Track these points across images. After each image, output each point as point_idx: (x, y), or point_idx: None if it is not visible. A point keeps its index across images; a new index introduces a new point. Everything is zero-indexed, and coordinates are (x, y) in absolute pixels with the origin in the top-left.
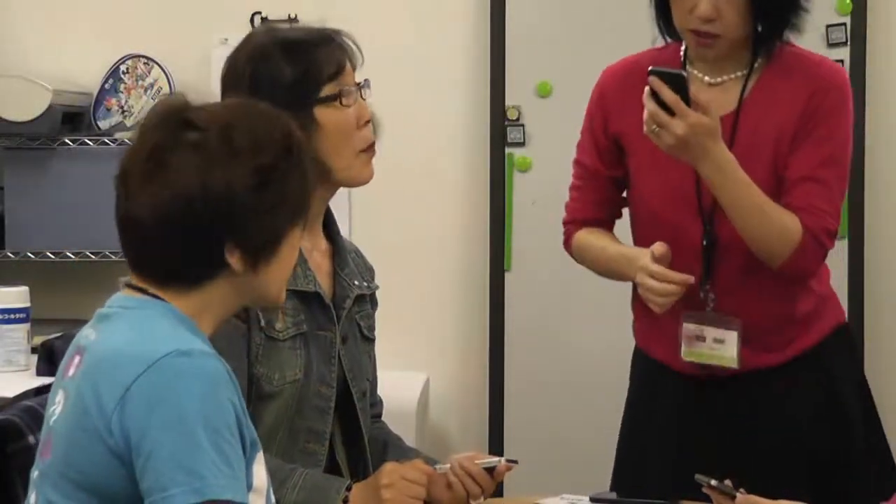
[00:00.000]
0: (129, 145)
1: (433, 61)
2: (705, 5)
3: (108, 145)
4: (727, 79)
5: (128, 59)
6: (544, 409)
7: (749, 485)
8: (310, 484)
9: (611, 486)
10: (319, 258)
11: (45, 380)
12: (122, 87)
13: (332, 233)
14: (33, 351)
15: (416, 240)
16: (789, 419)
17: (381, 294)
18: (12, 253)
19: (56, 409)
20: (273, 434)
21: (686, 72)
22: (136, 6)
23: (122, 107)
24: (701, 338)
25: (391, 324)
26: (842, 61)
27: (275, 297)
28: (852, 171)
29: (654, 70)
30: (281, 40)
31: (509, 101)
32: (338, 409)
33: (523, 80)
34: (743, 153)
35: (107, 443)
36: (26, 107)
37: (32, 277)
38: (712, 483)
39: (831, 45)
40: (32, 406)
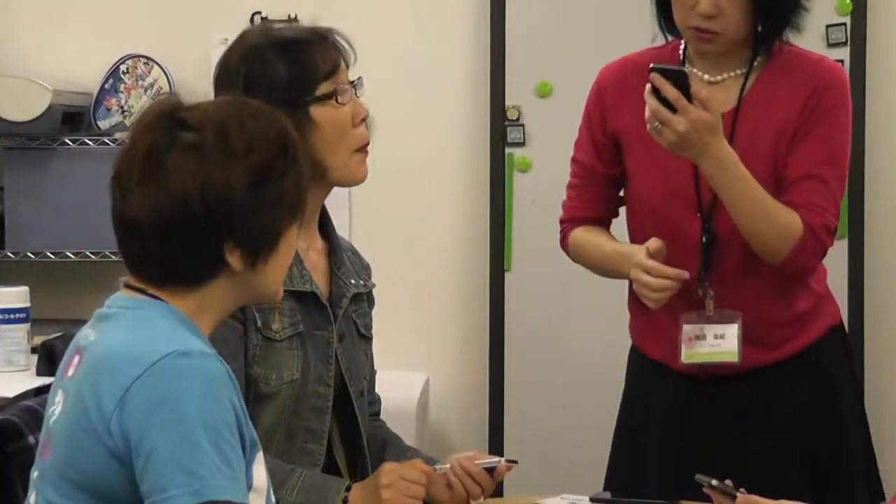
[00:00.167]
0: (122, 146)
1: (433, 61)
2: (706, 2)
3: (108, 145)
4: (727, 77)
5: (128, 59)
6: (544, 409)
7: (749, 484)
8: (309, 485)
9: (605, 485)
10: (315, 257)
11: (45, 380)
12: (122, 87)
13: (328, 231)
14: (33, 351)
15: (415, 240)
16: (789, 418)
17: (380, 294)
18: (12, 253)
19: (56, 409)
20: (271, 434)
21: (687, 68)
22: (136, 6)
23: (122, 107)
24: (701, 336)
25: (391, 324)
26: (842, 61)
27: (273, 294)
28: (852, 171)
29: (655, 67)
30: (275, 40)
31: (509, 102)
32: (335, 408)
33: (523, 80)
34: (742, 151)
35: (106, 443)
36: (26, 107)
37: (32, 277)
38: (713, 483)
39: (831, 45)
40: (32, 406)
